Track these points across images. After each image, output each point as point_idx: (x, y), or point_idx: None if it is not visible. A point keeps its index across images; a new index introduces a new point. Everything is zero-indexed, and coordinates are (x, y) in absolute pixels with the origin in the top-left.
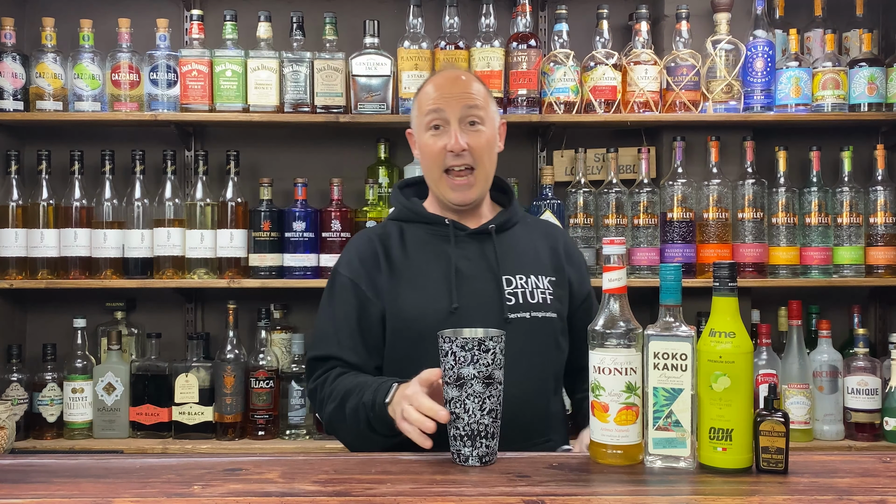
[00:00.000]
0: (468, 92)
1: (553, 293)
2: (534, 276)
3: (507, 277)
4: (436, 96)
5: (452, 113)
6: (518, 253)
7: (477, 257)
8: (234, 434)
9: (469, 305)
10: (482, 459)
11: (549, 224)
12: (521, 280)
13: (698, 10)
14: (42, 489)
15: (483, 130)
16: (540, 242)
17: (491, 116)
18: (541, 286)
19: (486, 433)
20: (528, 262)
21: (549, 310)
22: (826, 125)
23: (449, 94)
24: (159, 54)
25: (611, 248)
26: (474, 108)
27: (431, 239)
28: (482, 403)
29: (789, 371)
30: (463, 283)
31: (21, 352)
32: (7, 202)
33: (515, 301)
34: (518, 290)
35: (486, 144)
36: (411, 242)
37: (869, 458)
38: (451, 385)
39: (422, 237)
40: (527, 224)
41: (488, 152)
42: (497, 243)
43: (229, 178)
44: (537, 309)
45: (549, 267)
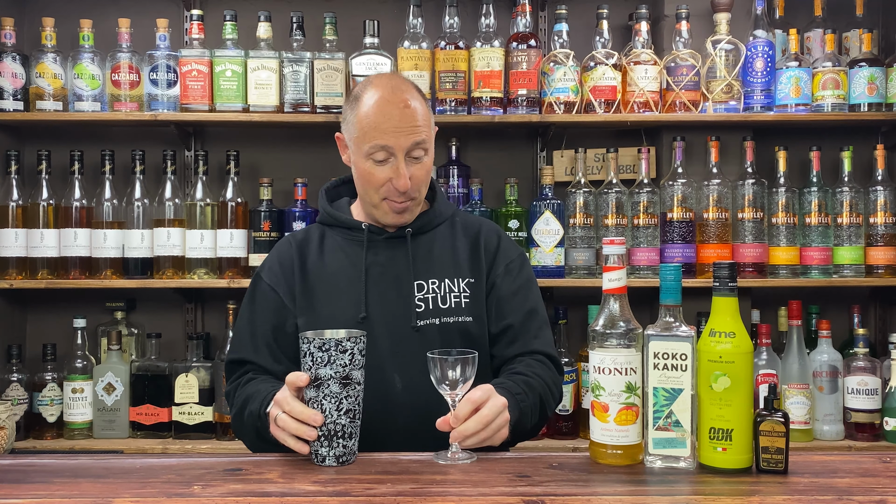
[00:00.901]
0: (416, 125)
1: (470, 295)
2: (448, 280)
3: (420, 283)
4: (382, 130)
5: (400, 150)
6: (434, 256)
7: (391, 263)
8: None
9: (377, 314)
10: (339, 459)
11: (477, 221)
12: (434, 285)
13: (698, 10)
14: (42, 489)
15: (425, 161)
16: (461, 242)
17: (431, 137)
18: (455, 290)
19: (344, 433)
20: (443, 265)
21: (462, 314)
22: (826, 125)
23: (398, 128)
24: (159, 54)
25: (611, 248)
26: (421, 143)
27: (348, 244)
28: (339, 404)
29: (789, 371)
30: (373, 290)
31: (21, 352)
32: (7, 202)
33: (425, 307)
34: (429, 295)
35: (425, 175)
36: (329, 248)
37: (869, 458)
38: (310, 386)
39: (339, 243)
40: (453, 224)
41: (426, 181)
42: (412, 247)
43: (229, 178)
44: (448, 314)
45: (466, 268)
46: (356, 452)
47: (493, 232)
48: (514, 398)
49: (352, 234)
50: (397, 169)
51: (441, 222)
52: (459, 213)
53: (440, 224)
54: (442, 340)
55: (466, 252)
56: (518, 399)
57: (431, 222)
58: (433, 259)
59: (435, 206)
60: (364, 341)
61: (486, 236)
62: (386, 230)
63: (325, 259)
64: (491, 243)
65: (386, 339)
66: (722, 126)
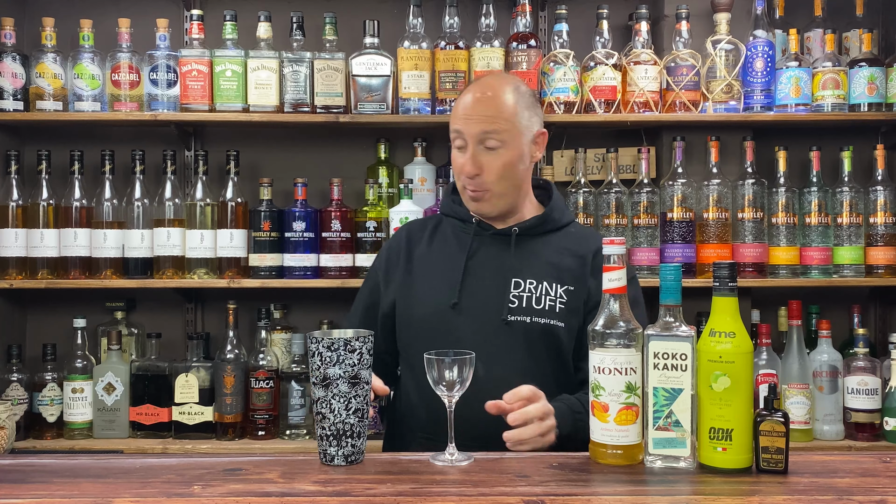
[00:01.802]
0: (488, 115)
1: (566, 303)
2: (546, 283)
3: (517, 280)
4: (459, 115)
5: (470, 136)
6: (538, 258)
7: (493, 258)
8: (234, 434)
9: (470, 303)
10: (348, 459)
11: (592, 234)
12: (532, 285)
13: (698, 10)
14: (42, 489)
15: (501, 153)
16: (568, 252)
17: (516, 134)
18: (552, 294)
19: (352, 433)
20: (545, 268)
21: (554, 318)
22: (826, 125)
23: (470, 114)
24: (159, 54)
25: (611, 248)
26: (492, 133)
27: (457, 235)
28: (348, 403)
29: (789, 371)
30: (471, 280)
31: (21, 352)
32: (7, 202)
33: (518, 304)
34: (525, 293)
35: (501, 168)
36: (440, 236)
37: (869, 458)
38: (318, 385)
39: (449, 232)
40: (566, 233)
41: (504, 174)
42: (516, 246)
43: (229, 178)
44: (540, 315)
45: (568, 277)
46: (364, 452)
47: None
48: (572, 415)
49: (463, 225)
50: (467, 155)
51: (553, 229)
52: (576, 225)
53: (552, 231)
54: (527, 339)
55: (573, 261)
56: (577, 417)
57: (541, 227)
58: (536, 261)
59: (548, 213)
60: (371, 341)
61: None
62: (494, 226)
63: (434, 245)
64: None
65: (474, 328)
66: (722, 126)
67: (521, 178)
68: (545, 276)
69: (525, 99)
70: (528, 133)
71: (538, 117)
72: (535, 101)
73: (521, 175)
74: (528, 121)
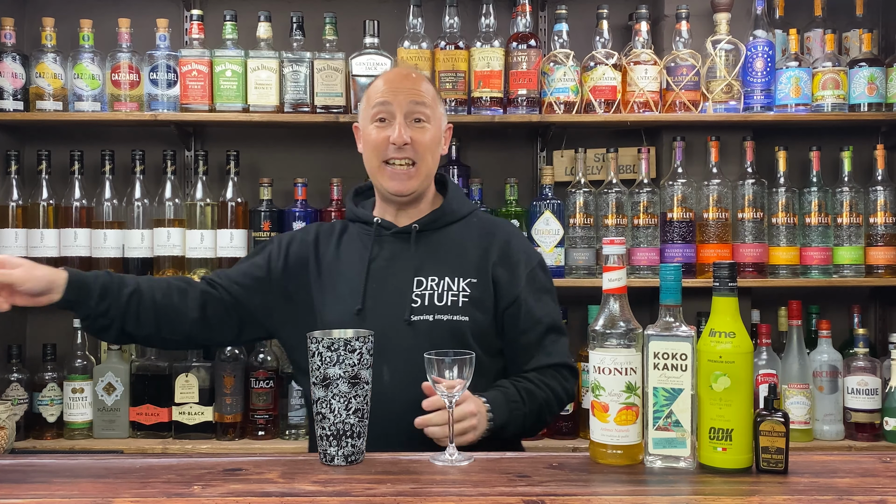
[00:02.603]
0: (416, 89)
1: (470, 296)
2: (448, 278)
3: (419, 279)
4: (384, 90)
5: (399, 107)
6: (440, 254)
7: (395, 257)
8: (234, 434)
9: (375, 306)
10: (348, 459)
11: (495, 223)
12: (433, 281)
13: (698, 10)
14: (42, 489)
15: (427, 128)
16: (472, 242)
17: (437, 117)
18: (454, 288)
19: (353, 433)
20: (447, 263)
21: (458, 313)
22: (826, 125)
23: (397, 88)
24: (159, 54)
25: (611, 248)
26: (421, 105)
27: (361, 239)
28: (348, 403)
29: (789, 371)
30: (374, 284)
31: (21, 352)
32: (7, 202)
33: (421, 303)
34: (427, 291)
35: (429, 141)
36: (346, 241)
37: (869, 458)
38: (318, 385)
39: (354, 237)
40: (469, 224)
41: (431, 150)
42: (417, 243)
43: (229, 178)
44: (443, 311)
45: (472, 268)
46: (364, 451)
47: (512, 236)
48: (508, 404)
49: (365, 228)
50: (395, 126)
51: (453, 221)
52: (479, 213)
53: (453, 223)
54: (432, 337)
55: (476, 253)
56: (512, 407)
57: (440, 220)
58: (438, 256)
59: (445, 204)
60: (372, 341)
61: (504, 240)
62: (395, 225)
63: (341, 251)
64: (510, 249)
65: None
66: (722, 126)
67: (437, 163)
68: (447, 272)
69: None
70: (442, 121)
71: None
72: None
73: (437, 160)
74: (442, 109)
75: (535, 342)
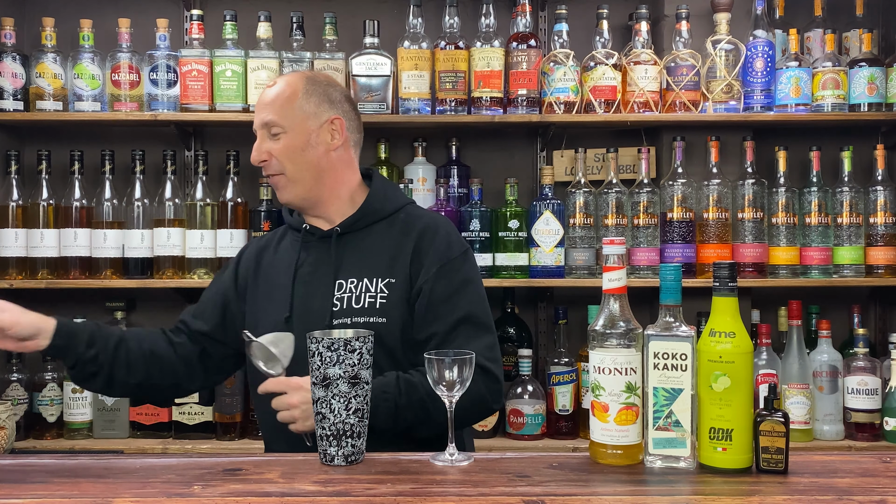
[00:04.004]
0: (266, 104)
1: (387, 296)
2: (367, 280)
3: (340, 282)
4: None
5: (256, 126)
6: (360, 255)
7: (318, 262)
8: (234, 434)
9: (301, 313)
10: (348, 459)
11: (419, 217)
12: (353, 284)
13: (698, 10)
14: (42, 489)
15: (282, 138)
16: (392, 241)
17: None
18: (372, 290)
19: (353, 433)
20: (366, 264)
21: (375, 314)
22: (826, 125)
23: (258, 108)
24: (159, 54)
25: (611, 248)
26: (270, 122)
27: (293, 245)
28: (348, 403)
29: (789, 371)
30: (300, 290)
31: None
32: (7, 202)
33: (341, 306)
34: (346, 294)
35: (284, 150)
36: (282, 249)
37: (869, 458)
38: (318, 385)
39: (287, 245)
40: (393, 221)
41: (290, 157)
42: (340, 247)
43: (229, 178)
44: (360, 314)
45: (388, 268)
46: (364, 452)
47: (430, 228)
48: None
49: (297, 235)
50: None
51: (377, 220)
52: (409, 209)
53: (376, 221)
54: None
55: (394, 251)
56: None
57: (361, 221)
58: (356, 258)
59: (366, 204)
60: (372, 341)
61: (420, 234)
62: (321, 230)
63: (275, 259)
64: (423, 242)
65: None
66: (722, 126)
67: (317, 164)
68: (365, 273)
69: (314, 87)
70: (313, 119)
71: (331, 104)
72: (331, 91)
73: (315, 161)
74: (315, 107)
75: (441, 335)
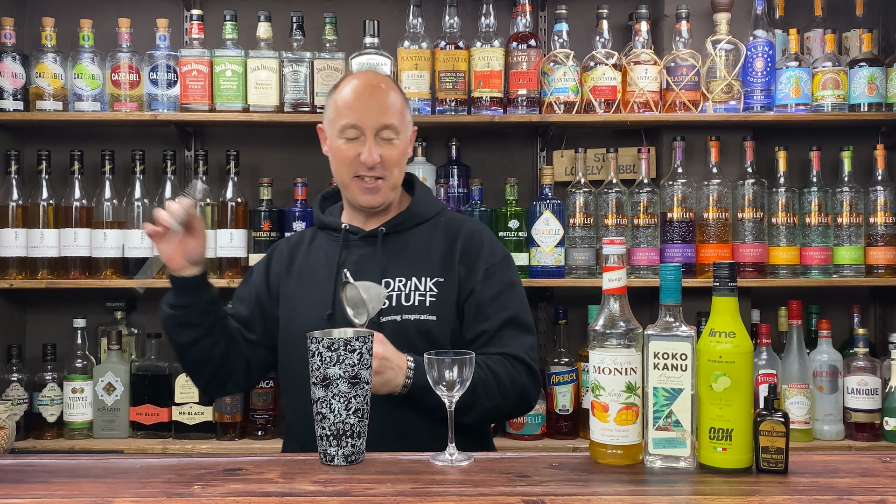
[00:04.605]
0: (385, 105)
1: (437, 295)
2: (416, 278)
3: (387, 280)
4: (353, 108)
5: (369, 128)
6: (407, 255)
7: (363, 261)
8: (234, 434)
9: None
10: (348, 459)
11: (461, 221)
12: (401, 283)
13: (698, 10)
14: (42, 489)
15: (396, 143)
16: (438, 243)
17: (405, 126)
18: (421, 288)
19: (353, 432)
20: (413, 263)
21: (425, 312)
22: (826, 125)
23: (367, 106)
24: (159, 54)
25: (611, 248)
26: (390, 126)
27: (330, 245)
28: (348, 403)
29: (789, 371)
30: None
31: (21, 352)
32: (7, 202)
33: (390, 304)
34: (395, 292)
35: (398, 157)
36: (315, 249)
37: (869, 458)
38: (318, 385)
39: (323, 244)
40: (435, 224)
41: (399, 164)
42: (384, 246)
43: (229, 178)
44: (410, 311)
45: (437, 268)
46: (364, 451)
47: (475, 233)
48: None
49: (334, 234)
50: (367, 146)
51: (420, 222)
52: (447, 213)
53: (419, 224)
54: (401, 337)
55: (441, 252)
56: None
57: (407, 222)
58: (404, 257)
59: (412, 207)
60: (372, 340)
61: (467, 237)
62: (362, 230)
63: (311, 259)
64: (471, 245)
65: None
66: (722, 126)
67: (403, 171)
68: (413, 272)
69: (404, 97)
70: (409, 127)
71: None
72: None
73: (404, 169)
74: (408, 116)
75: (490, 333)
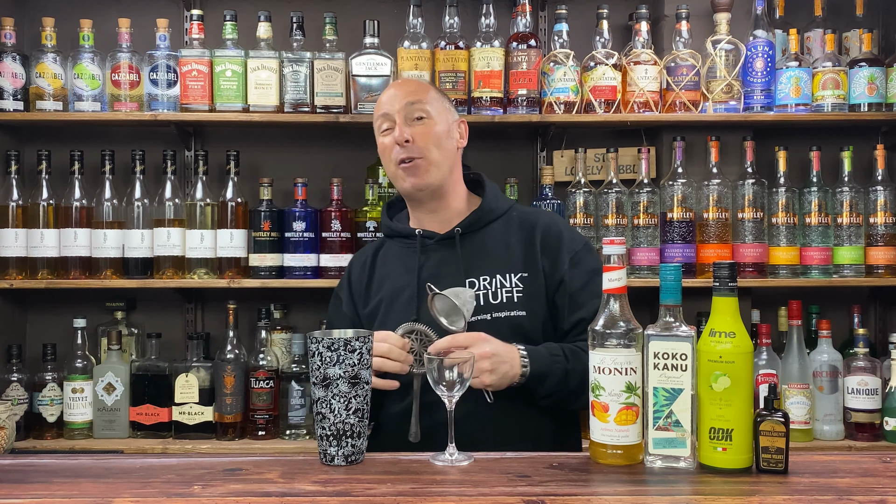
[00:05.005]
0: (411, 90)
1: (523, 290)
2: (500, 276)
3: (471, 280)
4: (384, 101)
5: (397, 112)
6: (486, 253)
7: (443, 264)
8: (234, 434)
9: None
10: (348, 459)
11: (535, 213)
12: (486, 281)
13: (698, 10)
14: (42, 489)
15: (427, 122)
16: (515, 238)
17: (440, 111)
18: (507, 285)
19: (353, 433)
20: (495, 261)
21: (514, 308)
22: (826, 125)
23: (393, 95)
24: (159, 54)
25: (611, 248)
26: (417, 104)
27: (404, 252)
28: (348, 403)
29: (789, 371)
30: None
31: (21, 352)
32: (7, 202)
33: (478, 303)
34: (480, 291)
35: (431, 134)
36: (389, 258)
37: (869, 458)
38: (318, 385)
39: (397, 252)
40: (509, 219)
41: (435, 142)
42: (463, 247)
43: (229, 178)
44: (500, 309)
45: (520, 263)
46: (364, 451)
47: (552, 224)
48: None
49: (407, 241)
50: (396, 128)
51: (493, 219)
52: (518, 207)
53: (493, 221)
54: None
55: (521, 247)
56: (553, 360)
57: (481, 220)
58: (485, 256)
59: (484, 205)
60: (371, 340)
61: (544, 230)
62: (437, 233)
63: (387, 269)
64: (550, 237)
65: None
66: (722, 126)
67: (452, 154)
68: (496, 269)
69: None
70: (450, 113)
71: (454, 109)
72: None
73: (451, 151)
74: (446, 105)
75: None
